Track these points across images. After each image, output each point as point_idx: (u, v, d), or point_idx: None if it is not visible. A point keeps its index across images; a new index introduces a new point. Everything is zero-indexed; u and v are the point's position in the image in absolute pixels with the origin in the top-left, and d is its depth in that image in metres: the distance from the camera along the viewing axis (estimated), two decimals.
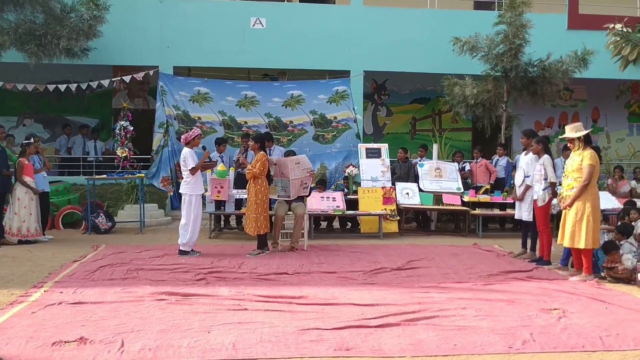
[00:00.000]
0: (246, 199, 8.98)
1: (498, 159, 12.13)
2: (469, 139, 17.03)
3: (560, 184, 7.75)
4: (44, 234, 9.96)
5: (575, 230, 6.98)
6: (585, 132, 7.11)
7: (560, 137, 7.54)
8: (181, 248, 8.47)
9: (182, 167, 8.71)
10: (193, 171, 8.48)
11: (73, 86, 12.91)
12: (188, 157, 8.47)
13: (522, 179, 8.37)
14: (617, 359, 4.33)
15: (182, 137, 8.83)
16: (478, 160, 12.09)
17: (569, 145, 7.24)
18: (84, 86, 12.96)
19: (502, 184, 11.82)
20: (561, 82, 12.59)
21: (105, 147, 14.72)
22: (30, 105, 15.42)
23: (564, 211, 7.17)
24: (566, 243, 7.13)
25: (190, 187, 8.51)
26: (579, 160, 7.02)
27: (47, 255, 8.38)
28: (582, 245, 6.96)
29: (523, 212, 8.44)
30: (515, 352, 4.44)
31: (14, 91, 13.28)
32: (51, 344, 4.45)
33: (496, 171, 11.91)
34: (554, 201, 7.93)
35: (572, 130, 7.14)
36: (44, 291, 6.18)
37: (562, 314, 5.46)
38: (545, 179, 7.80)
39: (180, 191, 8.80)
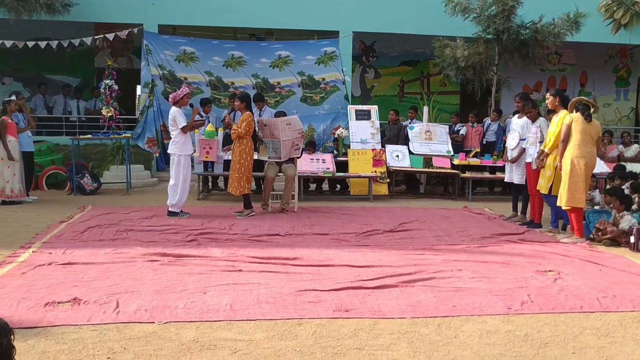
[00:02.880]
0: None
1: (490, 123, 12.08)
2: (457, 102, 16.96)
3: None
4: (28, 195, 9.76)
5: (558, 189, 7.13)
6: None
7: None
8: (170, 209, 8.34)
9: (170, 127, 8.52)
10: (185, 130, 8.30)
11: (54, 43, 12.43)
12: (177, 116, 8.27)
13: (517, 141, 8.29)
14: (616, 320, 4.33)
15: (170, 96, 8.65)
16: (474, 125, 12.06)
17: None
18: (65, 44, 12.49)
19: (493, 148, 11.80)
20: (553, 45, 12.48)
21: (86, 107, 14.35)
22: (9, 63, 14.94)
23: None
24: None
25: (178, 148, 8.34)
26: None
27: (32, 216, 8.21)
28: (561, 204, 7.05)
29: (515, 175, 8.40)
30: (515, 313, 4.43)
31: None
32: (44, 305, 4.34)
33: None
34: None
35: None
36: (33, 252, 6.04)
37: (557, 276, 5.47)
38: (541, 142, 7.74)
39: (168, 151, 8.63)
